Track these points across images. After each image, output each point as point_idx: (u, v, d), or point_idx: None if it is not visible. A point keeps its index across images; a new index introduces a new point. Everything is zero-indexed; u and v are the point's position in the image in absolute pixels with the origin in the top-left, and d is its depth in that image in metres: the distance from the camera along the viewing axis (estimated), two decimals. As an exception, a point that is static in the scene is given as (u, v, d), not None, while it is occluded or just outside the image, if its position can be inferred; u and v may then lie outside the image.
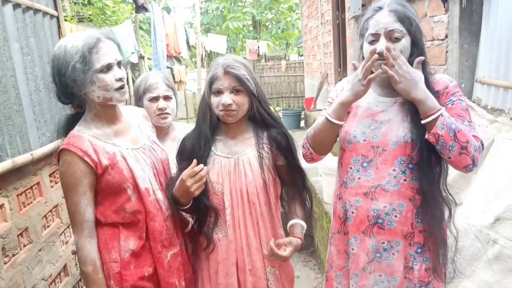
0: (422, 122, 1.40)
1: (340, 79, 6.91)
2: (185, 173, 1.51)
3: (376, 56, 1.39)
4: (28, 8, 2.20)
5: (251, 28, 20.82)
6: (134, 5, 5.99)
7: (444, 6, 2.84)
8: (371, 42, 1.44)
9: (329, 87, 7.34)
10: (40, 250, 2.19)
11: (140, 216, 1.53)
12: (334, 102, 1.52)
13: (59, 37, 2.60)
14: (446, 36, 2.90)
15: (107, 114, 1.53)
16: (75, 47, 1.40)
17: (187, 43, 9.57)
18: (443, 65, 2.99)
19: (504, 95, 2.39)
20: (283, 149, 1.67)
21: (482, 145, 1.45)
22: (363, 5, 4.93)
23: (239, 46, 19.84)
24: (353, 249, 1.56)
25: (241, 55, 17.09)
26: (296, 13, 19.83)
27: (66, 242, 2.53)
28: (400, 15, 1.41)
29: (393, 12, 1.41)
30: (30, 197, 2.16)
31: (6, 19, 1.99)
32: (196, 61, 19.54)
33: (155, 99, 1.95)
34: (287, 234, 1.75)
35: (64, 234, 2.52)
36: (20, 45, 2.09)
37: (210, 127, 1.64)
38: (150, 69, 7.96)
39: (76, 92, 1.42)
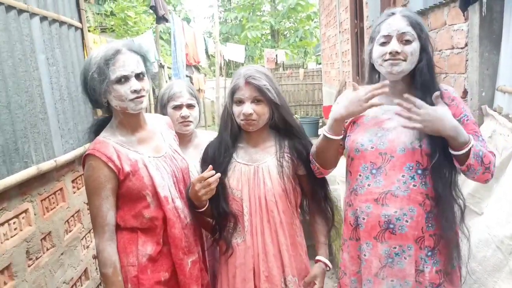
0: (453, 153, 1.44)
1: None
2: (196, 178, 1.56)
3: (385, 89, 1.44)
4: (54, 20, 2.28)
5: (269, 37, 20.94)
6: (155, 16, 6.12)
7: (464, 15, 2.82)
8: (383, 44, 1.48)
9: (347, 95, 7.32)
10: (62, 254, 2.25)
11: (157, 222, 1.57)
12: (329, 118, 1.55)
13: (83, 48, 2.69)
14: (466, 45, 2.88)
15: (130, 122, 1.59)
16: (96, 58, 1.48)
17: (206, 52, 9.70)
18: (463, 73, 2.96)
19: (526, 104, 2.35)
20: (304, 159, 1.68)
21: (494, 156, 1.51)
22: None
23: (257, 55, 19.97)
24: (365, 255, 1.57)
25: (259, 63, 17.20)
26: (314, 22, 19.86)
27: (87, 247, 2.59)
28: (412, 20, 1.47)
29: (405, 17, 1.48)
30: (54, 202, 2.23)
31: (33, 31, 2.07)
32: (214, 70, 19.77)
33: (178, 107, 2.01)
34: (307, 241, 1.79)
35: (85, 238, 2.57)
36: (46, 56, 2.17)
37: (231, 135, 1.68)
38: (169, 78, 8.09)
39: (98, 99, 1.51)
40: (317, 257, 1.74)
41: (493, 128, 2.57)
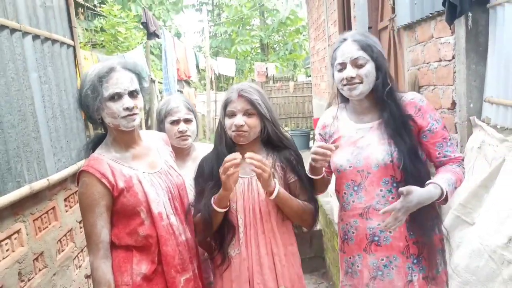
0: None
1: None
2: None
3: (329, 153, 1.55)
4: (46, 39, 2.29)
5: (259, 51, 21.14)
6: (146, 32, 6.16)
7: (450, 28, 2.89)
8: (340, 70, 1.59)
9: (337, 107, 7.40)
10: (54, 274, 2.22)
11: (152, 240, 1.56)
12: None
13: (75, 65, 2.69)
14: (453, 57, 2.94)
15: (124, 138, 1.60)
16: (90, 75, 1.51)
17: (197, 66, 9.76)
18: (451, 85, 3.02)
19: (513, 115, 2.40)
20: (294, 167, 1.74)
21: (462, 159, 1.74)
22: (369, 27, 5.02)
23: (247, 68, 20.12)
24: (358, 266, 1.68)
25: (249, 77, 17.32)
26: (303, 35, 20.12)
27: (80, 266, 2.55)
28: (363, 44, 1.58)
29: (356, 41, 1.59)
30: (46, 222, 2.20)
31: (26, 50, 2.07)
32: (205, 84, 19.85)
33: (176, 122, 2.04)
34: (300, 251, 1.82)
35: (78, 258, 2.54)
36: (38, 74, 2.17)
37: (226, 149, 1.70)
38: (160, 92, 8.10)
39: (92, 116, 1.53)
40: None
41: (482, 139, 2.61)
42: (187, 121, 2.06)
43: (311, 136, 9.71)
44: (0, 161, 1.79)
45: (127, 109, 1.51)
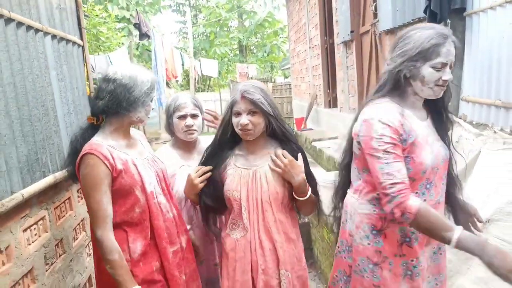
0: None
1: (330, 100, 7.26)
2: (193, 170, 1.90)
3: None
4: (61, 38, 2.42)
5: (237, 52, 21.30)
6: (133, 32, 6.22)
7: (430, 34, 3.15)
8: (438, 70, 1.50)
9: (318, 107, 7.66)
10: (71, 260, 2.35)
11: (145, 216, 1.78)
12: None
13: (84, 64, 2.82)
14: (433, 60, 3.20)
15: (126, 130, 1.84)
16: (147, 78, 1.77)
17: (183, 67, 9.87)
18: (431, 85, 3.27)
19: (487, 111, 2.68)
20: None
21: None
22: (351, 31, 5.29)
23: (225, 69, 20.23)
24: (421, 266, 1.63)
25: (228, 78, 17.44)
26: (280, 37, 20.41)
27: (90, 254, 2.68)
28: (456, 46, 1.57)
29: (453, 43, 1.54)
30: (64, 211, 2.33)
31: (47, 49, 2.20)
32: (181, 85, 19.86)
33: (183, 117, 2.17)
34: (304, 242, 2.01)
35: (89, 246, 2.67)
36: (56, 72, 2.30)
37: (229, 138, 1.90)
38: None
39: (128, 107, 1.73)
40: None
41: (459, 134, 2.89)
42: (193, 116, 2.20)
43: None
44: (30, 152, 1.92)
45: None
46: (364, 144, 1.55)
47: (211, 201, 1.91)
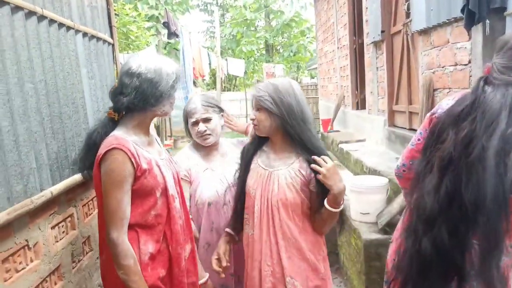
0: None
1: (357, 102, 7.13)
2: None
3: None
4: (92, 36, 2.43)
5: (263, 52, 21.28)
6: (161, 31, 6.27)
7: (468, 34, 3.03)
8: None
9: (345, 109, 7.53)
10: (97, 258, 2.36)
11: (161, 219, 1.67)
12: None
13: (114, 63, 2.83)
14: (469, 62, 3.08)
15: (148, 125, 1.76)
16: (172, 70, 1.68)
17: (210, 66, 9.91)
18: (467, 88, 3.15)
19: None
20: (312, 176, 1.77)
21: None
22: (382, 31, 5.16)
23: (251, 69, 20.23)
24: None
25: (254, 77, 17.44)
26: (307, 37, 20.26)
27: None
28: None
29: None
30: (91, 208, 2.34)
31: (78, 47, 2.22)
32: (207, 84, 19.99)
33: (195, 123, 2.14)
34: (330, 246, 1.97)
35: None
36: (87, 70, 2.31)
37: (259, 140, 1.92)
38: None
39: (153, 102, 1.64)
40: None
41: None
42: (205, 120, 2.13)
43: (319, 136, 9.83)
44: (60, 149, 1.93)
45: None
46: None
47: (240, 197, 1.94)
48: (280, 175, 1.80)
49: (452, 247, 1.23)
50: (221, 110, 2.23)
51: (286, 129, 1.76)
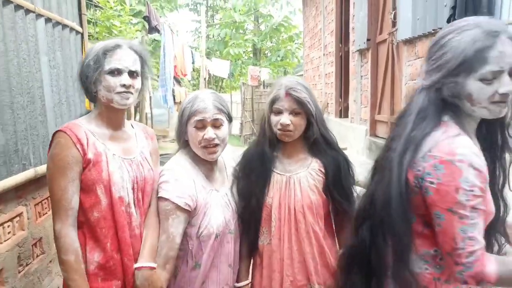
0: None
1: (341, 109, 7.06)
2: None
3: None
4: (57, 23, 2.27)
5: (251, 55, 21.20)
6: (147, 26, 6.10)
7: (453, 45, 2.96)
8: (489, 82, 1.12)
9: (328, 116, 7.46)
10: (50, 261, 2.19)
11: (105, 224, 1.50)
12: None
13: (82, 53, 2.66)
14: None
15: (109, 116, 1.59)
16: (96, 48, 1.54)
17: (193, 65, 9.74)
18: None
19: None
20: (335, 175, 1.70)
21: None
22: (368, 39, 5.10)
23: (238, 72, 20.13)
24: None
25: (240, 80, 17.34)
26: (295, 43, 20.26)
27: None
28: None
29: (509, 40, 1.12)
30: (46, 208, 2.17)
31: (38, 32, 2.05)
32: (193, 84, 19.79)
33: (201, 126, 1.64)
34: None
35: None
36: (48, 58, 2.15)
37: (270, 145, 1.71)
38: (153, 89, 8.04)
39: (88, 88, 1.54)
40: None
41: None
42: (215, 124, 1.65)
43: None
44: (9, 142, 1.76)
45: (124, 85, 1.52)
46: (439, 195, 1.12)
47: (255, 214, 1.71)
48: (301, 178, 1.70)
49: (371, 246, 1.29)
50: (231, 119, 1.75)
51: (313, 131, 1.67)
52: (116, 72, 1.52)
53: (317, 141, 1.70)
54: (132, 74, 1.55)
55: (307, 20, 10.35)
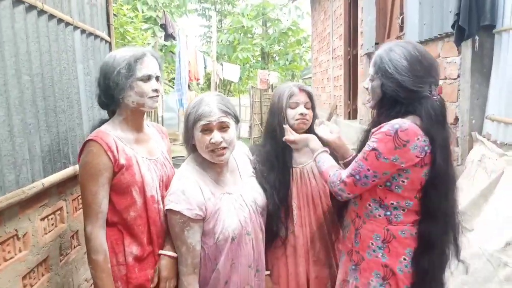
0: None
1: (349, 112, 7.20)
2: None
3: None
4: (90, 33, 2.46)
5: (259, 59, 21.39)
6: (158, 32, 6.30)
7: (458, 49, 3.12)
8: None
9: (337, 118, 7.61)
10: (85, 253, 2.36)
11: (141, 222, 1.68)
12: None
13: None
14: (458, 76, 3.17)
15: (134, 120, 1.77)
16: (124, 56, 1.69)
17: (205, 70, 9.96)
18: (455, 102, 3.23)
19: (513, 131, 2.61)
20: (336, 158, 1.89)
21: (343, 181, 1.61)
22: (376, 43, 5.25)
23: (246, 75, 20.30)
24: None
25: (249, 84, 17.51)
26: (303, 47, 20.40)
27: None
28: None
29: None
30: (81, 203, 2.35)
31: (75, 43, 2.24)
32: (201, 88, 20.02)
33: (207, 130, 1.66)
34: None
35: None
36: (83, 66, 2.34)
37: (282, 143, 1.92)
38: (165, 93, 8.25)
39: (115, 94, 1.68)
40: None
41: (482, 153, 2.82)
42: (222, 127, 1.68)
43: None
44: (53, 142, 1.95)
45: (155, 90, 1.72)
46: None
47: (280, 207, 1.89)
48: (313, 167, 1.97)
49: None
50: (238, 120, 1.77)
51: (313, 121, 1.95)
52: (147, 78, 1.70)
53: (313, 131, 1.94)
54: (157, 79, 1.76)
55: (315, 24, 10.50)
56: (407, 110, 1.56)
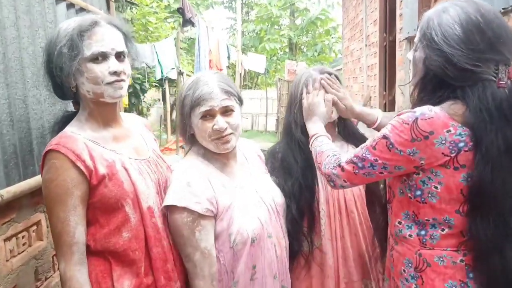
0: None
1: (385, 103, 6.64)
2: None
3: None
4: (81, 9, 2.06)
5: (287, 50, 20.87)
6: (181, 20, 5.94)
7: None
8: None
9: (372, 111, 7.07)
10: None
11: (138, 244, 1.25)
12: None
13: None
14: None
15: (103, 114, 1.30)
16: (67, 29, 1.20)
17: (228, 60, 9.57)
18: None
19: None
20: None
21: (340, 165, 1.33)
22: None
23: (273, 68, 19.83)
24: None
25: (276, 76, 17.06)
26: (333, 37, 19.73)
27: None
28: None
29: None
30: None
31: (59, 18, 1.85)
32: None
33: (209, 116, 1.40)
34: None
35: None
36: (70, 47, 1.94)
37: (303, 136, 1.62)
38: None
39: (65, 83, 1.22)
40: None
41: None
42: (226, 112, 1.41)
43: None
44: (22, 141, 1.56)
45: (114, 73, 1.22)
46: None
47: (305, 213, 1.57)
48: None
49: None
50: (241, 102, 1.52)
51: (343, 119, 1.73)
52: (100, 57, 1.21)
53: (347, 124, 1.73)
54: (119, 56, 1.25)
55: (346, 11, 9.95)
56: (455, 96, 1.18)
